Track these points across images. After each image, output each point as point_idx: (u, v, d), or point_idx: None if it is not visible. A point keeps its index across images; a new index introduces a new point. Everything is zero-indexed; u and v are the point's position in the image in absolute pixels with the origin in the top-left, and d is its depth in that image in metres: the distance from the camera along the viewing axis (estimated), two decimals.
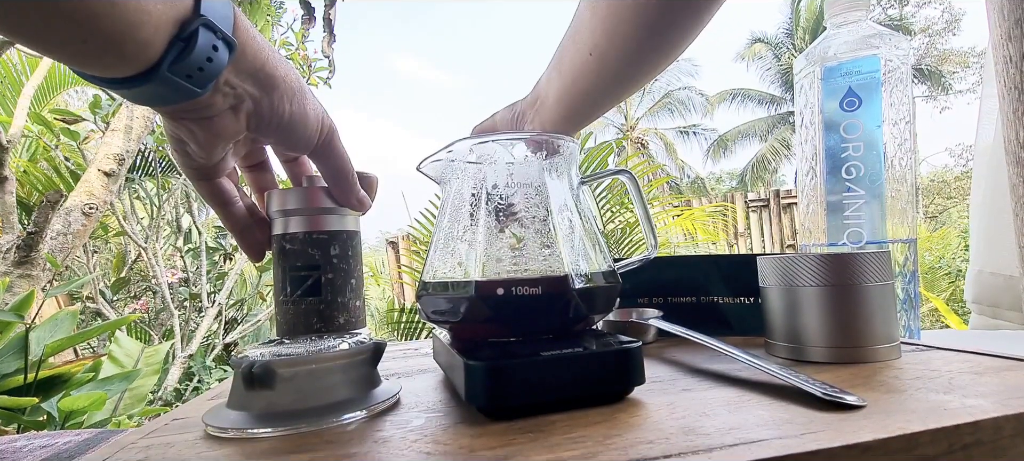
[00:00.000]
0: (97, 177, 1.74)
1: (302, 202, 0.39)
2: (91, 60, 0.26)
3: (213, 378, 2.22)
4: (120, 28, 0.24)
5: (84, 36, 0.24)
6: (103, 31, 0.24)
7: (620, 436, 0.24)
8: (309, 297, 0.38)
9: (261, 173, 0.42)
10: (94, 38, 0.24)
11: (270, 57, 0.32)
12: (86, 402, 1.03)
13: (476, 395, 0.27)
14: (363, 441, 0.26)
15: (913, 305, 0.48)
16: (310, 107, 0.35)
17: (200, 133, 0.32)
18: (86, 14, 0.23)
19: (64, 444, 0.44)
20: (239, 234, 0.40)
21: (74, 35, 0.24)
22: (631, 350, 0.29)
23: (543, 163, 0.35)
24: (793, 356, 0.37)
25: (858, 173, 0.47)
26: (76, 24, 0.23)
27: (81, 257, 2.50)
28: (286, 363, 0.29)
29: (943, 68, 15.29)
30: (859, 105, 0.47)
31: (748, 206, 5.26)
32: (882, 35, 0.47)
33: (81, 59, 0.26)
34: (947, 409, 0.25)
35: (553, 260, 0.32)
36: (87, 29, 0.24)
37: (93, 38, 0.24)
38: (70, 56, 0.25)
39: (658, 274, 0.52)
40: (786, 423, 0.24)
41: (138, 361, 1.48)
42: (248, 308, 2.85)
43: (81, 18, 0.23)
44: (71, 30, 0.24)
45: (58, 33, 0.24)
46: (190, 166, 0.35)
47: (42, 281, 1.56)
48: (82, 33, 0.24)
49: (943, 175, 12.87)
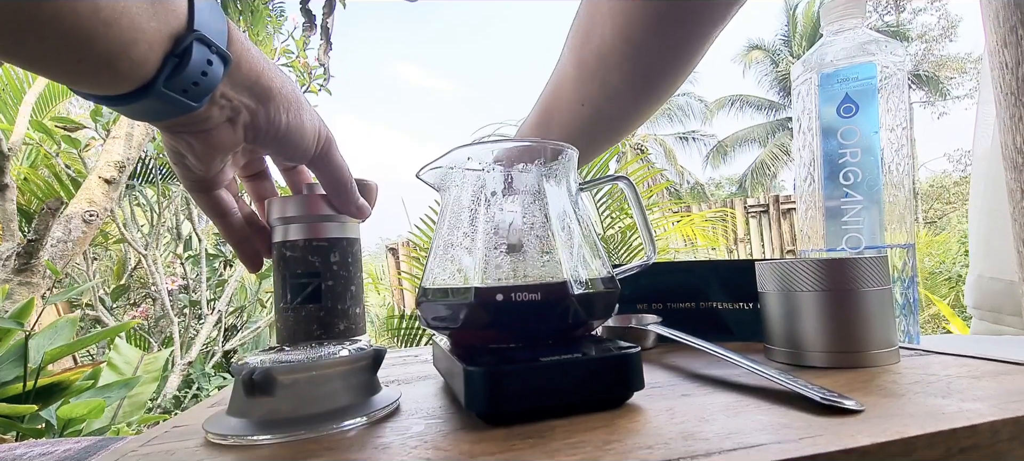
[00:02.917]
0: (98, 184, 1.74)
1: (302, 209, 0.39)
2: (86, 78, 0.26)
3: (212, 385, 2.22)
4: (115, 47, 0.24)
5: (79, 56, 0.24)
6: (98, 50, 0.24)
7: (620, 441, 0.24)
8: (309, 304, 0.39)
9: (260, 182, 0.42)
10: (89, 57, 0.24)
11: (266, 69, 0.32)
12: (85, 410, 1.02)
13: (476, 401, 0.27)
14: (363, 447, 0.26)
15: (912, 310, 0.48)
16: (307, 117, 0.35)
17: (198, 146, 0.32)
18: (80, 34, 0.23)
19: (63, 452, 0.44)
20: (236, 244, 0.40)
21: (69, 55, 0.24)
22: (630, 356, 0.29)
23: (542, 170, 0.35)
24: (792, 361, 0.37)
25: (856, 179, 0.47)
26: (70, 44, 0.23)
27: (81, 264, 2.50)
28: (286, 370, 0.29)
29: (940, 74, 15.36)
30: (856, 111, 0.47)
31: (748, 212, 5.27)
32: (878, 42, 0.47)
33: (76, 77, 0.26)
34: (945, 413, 0.25)
35: (552, 266, 0.32)
36: (82, 49, 0.24)
37: (88, 57, 0.24)
38: (65, 75, 0.25)
39: (657, 280, 0.52)
40: (785, 428, 0.24)
41: (137, 368, 1.48)
42: (248, 315, 2.84)
43: (76, 38, 0.23)
44: (65, 50, 0.24)
45: (52, 53, 0.24)
46: (189, 178, 0.36)
47: (42, 288, 1.56)
48: (77, 53, 0.24)
49: (942, 180, 12.89)
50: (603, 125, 0.47)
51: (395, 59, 79.19)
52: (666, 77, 0.45)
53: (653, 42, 0.44)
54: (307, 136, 0.36)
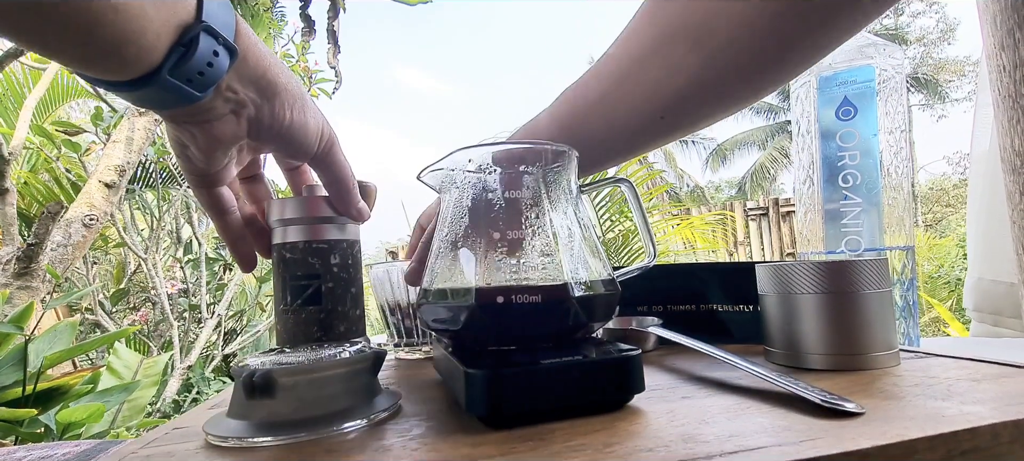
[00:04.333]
0: (98, 188, 1.74)
1: (302, 211, 0.39)
2: (93, 63, 0.26)
3: (212, 389, 2.21)
4: (122, 34, 0.25)
5: (85, 40, 0.24)
6: (105, 36, 0.24)
7: (620, 444, 0.24)
8: (309, 306, 0.39)
9: (256, 185, 0.43)
10: (95, 42, 0.24)
11: (272, 64, 0.33)
12: (84, 414, 1.02)
13: (476, 404, 0.27)
14: (364, 450, 0.26)
15: (912, 312, 0.48)
16: (311, 115, 0.35)
17: (201, 137, 0.32)
18: (89, 18, 0.24)
19: (62, 455, 0.44)
20: (232, 243, 0.41)
21: (76, 38, 0.24)
22: (631, 358, 0.29)
23: (542, 171, 0.35)
24: (792, 363, 0.37)
25: (855, 181, 0.47)
26: (78, 29, 0.24)
27: (81, 268, 2.49)
28: (287, 372, 0.29)
29: (939, 77, 15.38)
30: (855, 114, 0.47)
31: (747, 215, 5.27)
32: (876, 45, 0.47)
33: (82, 62, 0.26)
34: (945, 416, 0.25)
35: (552, 268, 0.32)
36: (89, 33, 0.24)
37: (94, 43, 0.24)
38: (71, 58, 0.26)
39: (658, 282, 0.52)
40: (785, 430, 0.24)
41: (137, 373, 1.48)
42: (247, 319, 2.84)
43: (83, 24, 0.24)
44: (73, 34, 0.24)
45: (58, 36, 0.24)
46: (192, 171, 0.36)
47: (42, 292, 1.56)
48: (83, 37, 0.24)
49: (941, 183, 12.90)
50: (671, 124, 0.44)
51: (394, 61, 79.40)
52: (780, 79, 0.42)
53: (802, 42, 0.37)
54: (310, 134, 0.36)
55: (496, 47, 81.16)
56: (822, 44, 0.38)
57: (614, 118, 0.42)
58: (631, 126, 0.42)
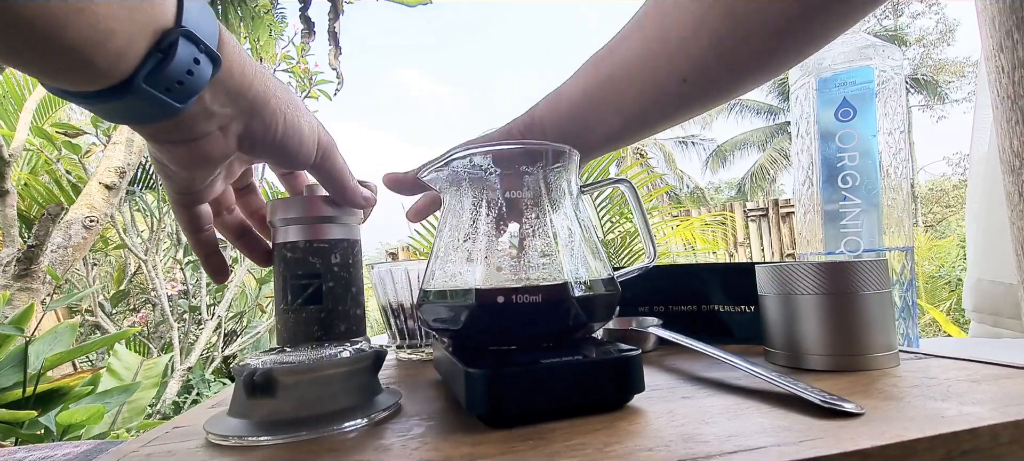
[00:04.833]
0: (98, 190, 1.75)
1: (303, 211, 0.39)
2: (58, 72, 0.24)
3: (212, 391, 2.21)
4: (89, 37, 0.22)
5: (45, 46, 0.22)
6: (69, 40, 0.22)
7: (620, 443, 0.24)
8: (310, 305, 0.39)
9: (248, 197, 0.42)
10: (58, 48, 0.22)
11: (259, 74, 0.31)
12: (84, 415, 1.02)
13: (476, 403, 0.28)
14: (364, 449, 0.26)
15: (911, 313, 0.48)
16: (305, 122, 0.34)
17: (186, 157, 0.31)
18: (49, 22, 0.21)
19: (63, 456, 0.44)
20: (205, 257, 0.40)
21: (35, 43, 0.22)
22: (631, 358, 0.29)
23: (543, 171, 0.35)
24: (792, 364, 0.37)
25: (854, 182, 0.47)
26: (35, 32, 0.21)
27: (81, 270, 2.49)
28: (287, 371, 0.29)
29: (939, 78, 15.39)
30: (854, 115, 0.47)
31: (747, 215, 5.27)
32: (875, 46, 0.47)
33: (46, 70, 0.24)
34: (945, 416, 0.25)
35: (553, 268, 0.32)
36: (50, 38, 0.22)
37: (56, 48, 0.22)
38: (33, 66, 0.23)
39: (658, 283, 0.52)
40: (785, 430, 0.24)
41: (137, 374, 1.48)
42: (247, 320, 2.84)
43: (42, 26, 0.21)
44: (30, 38, 0.22)
45: (13, 43, 0.22)
46: (175, 190, 0.34)
47: (42, 294, 1.56)
48: (43, 42, 0.22)
49: (941, 184, 12.90)
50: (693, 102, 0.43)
51: (394, 63, 79.48)
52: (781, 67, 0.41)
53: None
54: (306, 141, 0.34)
55: (495, 48, 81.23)
56: (843, 13, 0.36)
57: (641, 82, 0.41)
58: (653, 93, 0.41)
